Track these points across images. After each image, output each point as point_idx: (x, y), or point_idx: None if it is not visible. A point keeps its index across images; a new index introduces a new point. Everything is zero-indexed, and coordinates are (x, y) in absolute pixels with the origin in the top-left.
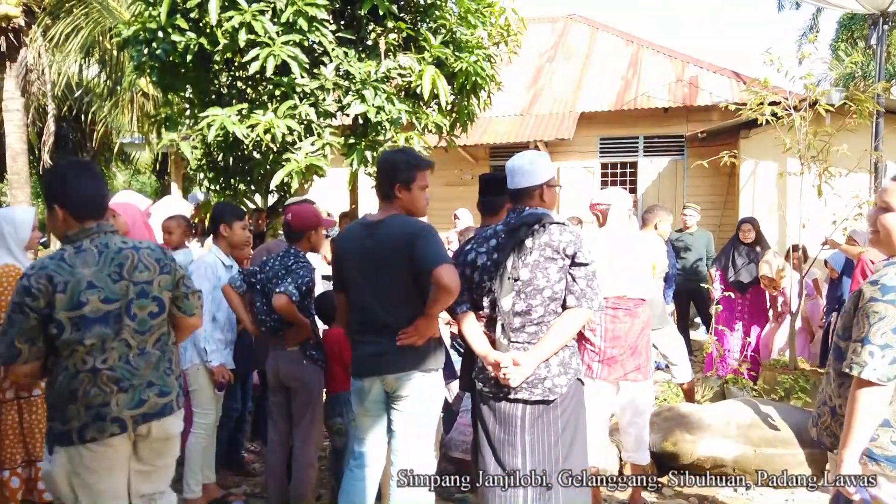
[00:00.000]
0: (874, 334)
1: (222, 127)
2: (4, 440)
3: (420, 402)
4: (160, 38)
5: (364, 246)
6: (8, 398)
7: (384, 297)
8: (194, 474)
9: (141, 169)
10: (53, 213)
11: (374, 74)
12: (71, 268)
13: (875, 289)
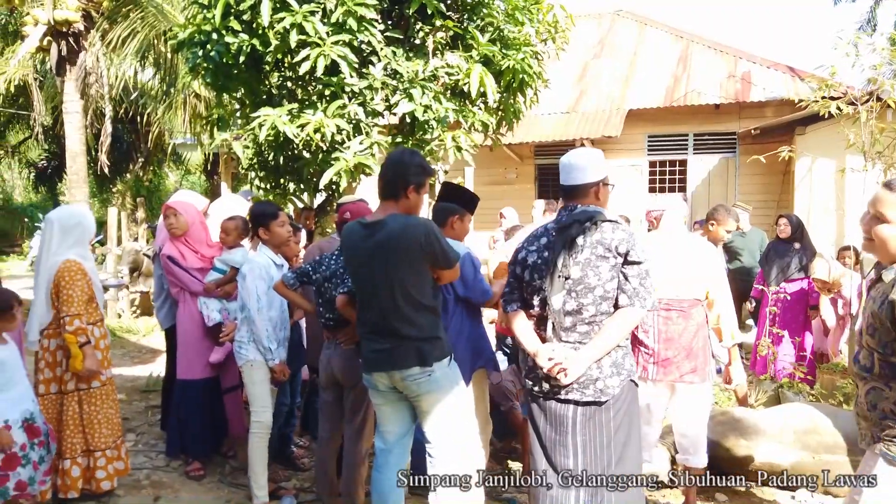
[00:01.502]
0: None
1: (273, 127)
2: (65, 430)
3: (434, 396)
4: (214, 40)
5: (364, 245)
6: (69, 389)
7: (384, 296)
8: (259, 478)
9: (191, 169)
10: None
11: (422, 73)
12: None
13: None
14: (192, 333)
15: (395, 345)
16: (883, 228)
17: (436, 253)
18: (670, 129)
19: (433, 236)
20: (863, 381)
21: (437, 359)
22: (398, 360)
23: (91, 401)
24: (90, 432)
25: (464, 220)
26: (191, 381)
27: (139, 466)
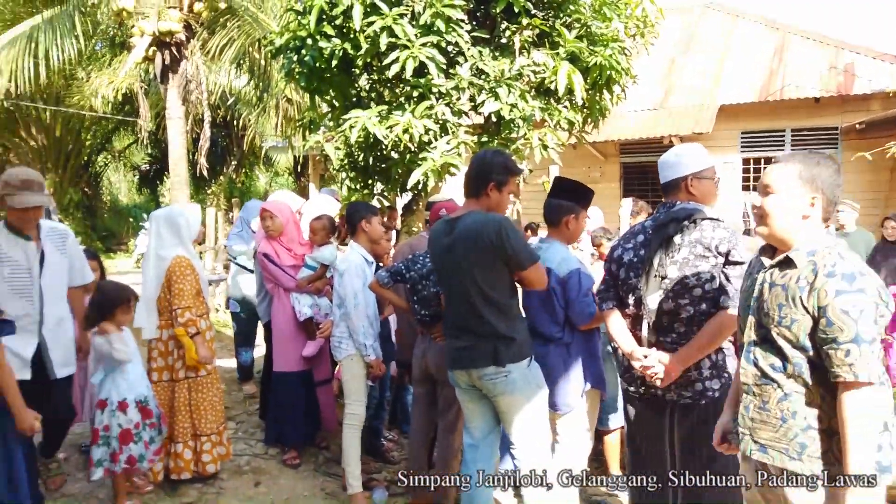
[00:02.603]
0: (863, 330)
1: (364, 128)
2: (177, 415)
3: (511, 398)
4: (308, 46)
5: (444, 242)
6: (180, 377)
7: (461, 293)
8: (353, 468)
9: (280, 171)
10: None
11: (508, 72)
12: None
13: (837, 280)
14: (287, 328)
15: (472, 343)
16: (770, 199)
17: (507, 251)
18: (766, 124)
19: (505, 234)
20: (770, 386)
21: (512, 360)
22: (475, 359)
23: (198, 388)
24: (197, 418)
25: (579, 219)
26: (286, 374)
27: (240, 453)
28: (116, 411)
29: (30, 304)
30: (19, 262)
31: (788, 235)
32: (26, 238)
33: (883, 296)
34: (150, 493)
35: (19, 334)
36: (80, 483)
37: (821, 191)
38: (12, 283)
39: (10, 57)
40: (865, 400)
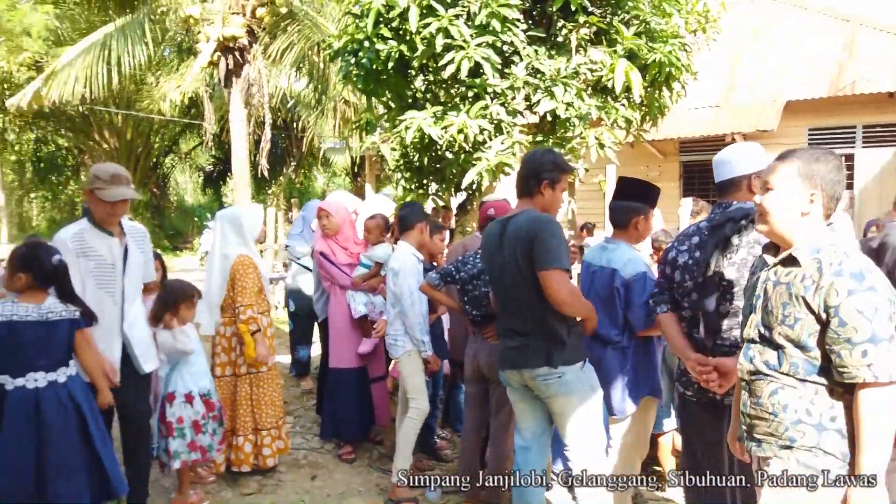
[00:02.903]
0: (879, 328)
1: (419, 129)
2: (239, 409)
3: (565, 400)
4: (366, 48)
5: (495, 243)
6: (242, 373)
7: (513, 292)
8: (403, 462)
9: (337, 171)
10: None
11: (564, 70)
12: None
13: (845, 279)
14: (343, 325)
15: (524, 343)
16: (769, 196)
17: (534, 246)
18: (835, 120)
19: (540, 229)
20: (763, 381)
21: (566, 362)
22: (526, 359)
23: (259, 383)
24: (258, 412)
25: (648, 219)
26: (342, 370)
27: (297, 447)
28: (184, 403)
29: (112, 300)
30: (104, 256)
31: (788, 233)
32: (109, 233)
33: (892, 294)
34: (212, 484)
35: (104, 333)
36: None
37: (820, 187)
38: (98, 277)
39: (86, 64)
40: (885, 400)
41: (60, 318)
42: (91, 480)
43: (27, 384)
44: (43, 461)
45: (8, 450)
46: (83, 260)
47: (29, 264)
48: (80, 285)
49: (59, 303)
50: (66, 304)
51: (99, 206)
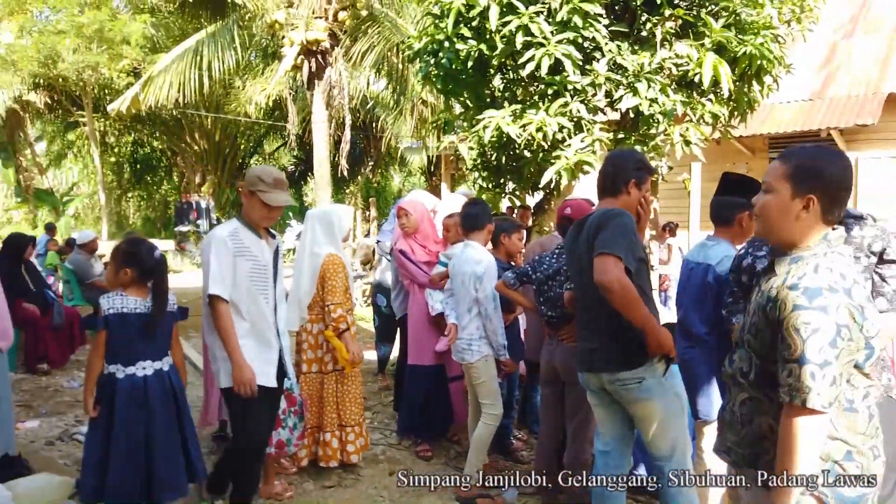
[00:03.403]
0: (811, 351)
1: (497, 127)
2: (326, 406)
3: (647, 405)
4: (446, 48)
5: (576, 242)
6: (329, 370)
7: (591, 293)
8: (476, 463)
9: (413, 171)
10: None
11: (648, 66)
12: None
13: (797, 294)
14: (421, 322)
15: (602, 345)
16: (765, 198)
17: (596, 233)
18: None
19: (610, 221)
20: (738, 388)
21: (646, 367)
22: (605, 362)
23: (345, 381)
24: (342, 409)
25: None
26: (420, 367)
27: (375, 443)
28: None
29: (266, 303)
30: (258, 258)
31: (781, 237)
32: (259, 235)
33: (857, 318)
34: (294, 475)
35: (260, 336)
36: None
37: (819, 191)
38: (253, 279)
39: (179, 69)
40: (797, 427)
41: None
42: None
43: (137, 372)
44: (150, 444)
45: (121, 434)
46: (240, 260)
47: (133, 259)
48: (236, 287)
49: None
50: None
51: (257, 208)
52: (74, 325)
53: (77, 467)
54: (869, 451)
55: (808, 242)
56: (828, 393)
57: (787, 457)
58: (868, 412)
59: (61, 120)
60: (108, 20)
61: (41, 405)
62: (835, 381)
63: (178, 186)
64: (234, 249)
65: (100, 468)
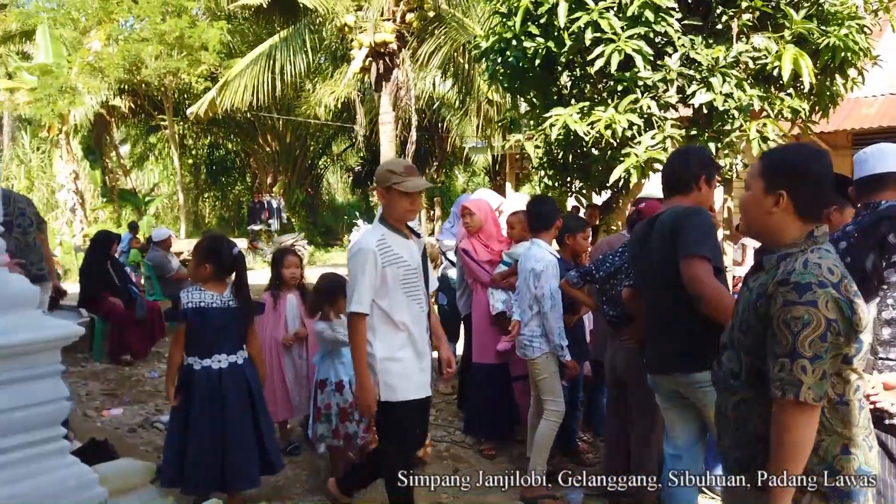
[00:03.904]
0: (802, 345)
1: (564, 125)
2: None
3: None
4: (513, 46)
5: (641, 243)
6: None
7: (661, 293)
8: (540, 461)
9: (477, 171)
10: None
11: (723, 60)
12: None
13: (788, 289)
14: (484, 321)
15: (676, 347)
16: (744, 196)
17: (677, 233)
18: None
19: (690, 220)
20: (729, 391)
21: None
22: (680, 364)
23: None
24: None
25: (843, 213)
26: (483, 365)
27: (440, 440)
28: (334, 391)
29: (420, 309)
30: (408, 262)
31: (759, 233)
32: (405, 236)
33: (846, 312)
34: None
35: (416, 347)
36: (304, 453)
37: (788, 187)
38: (406, 285)
39: (253, 73)
40: (790, 422)
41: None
42: (258, 454)
43: (212, 365)
44: (224, 435)
45: (197, 424)
46: (391, 268)
47: (212, 256)
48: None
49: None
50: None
51: (398, 202)
52: (155, 319)
53: (157, 454)
54: (863, 443)
55: (793, 239)
56: (819, 387)
57: (780, 452)
58: (859, 404)
59: (144, 123)
60: (188, 27)
61: (124, 394)
62: (825, 376)
63: (250, 187)
64: (382, 260)
65: (178, 456)
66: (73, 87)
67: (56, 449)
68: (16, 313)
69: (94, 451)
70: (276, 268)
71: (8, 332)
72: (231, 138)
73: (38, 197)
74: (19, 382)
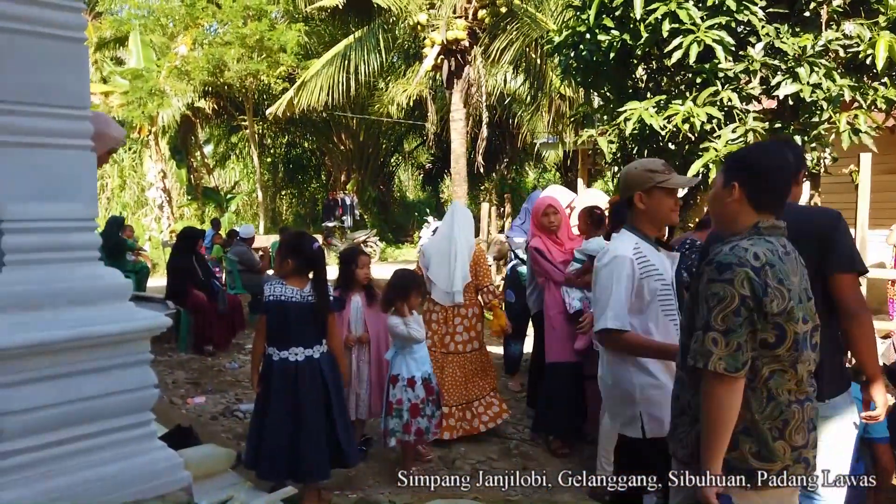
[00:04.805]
0: (716, 320)
1: (639, 119)
2: (484, 377)
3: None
4: (587, 40)
5: None
6: (476, 348)
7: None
8: (608, 454)
9: (548, 167)
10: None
11: (811, 49)
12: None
13: (711, 268)
14: (557, 320)
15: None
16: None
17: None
18: None
19: (840, 227)
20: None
21: (829, 395)
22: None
23: (485, 356)
24: (491, 379)
25: None
26: (557, 364)
27: (509, 436)
28: (406, 387)
29: (675, 329)
30: (664, 276)
31: (721, 224)
32: (656, 247)
33: (758, 293)
34: (431, 464)
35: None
36: (375, 447)
37: (740, 178)
38: (663, 302)
39: (329, 73)
40: (707, 390)
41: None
42: (329, 447)
43: (290, 357)
44: (298, 426)
45: (273, 413)
46: (648, 281)
47: (294, 251)
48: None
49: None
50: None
51: (663, 201)
52: (236, 312)
53: (237, 441)
54: (767, 431)
55: (741, 229)
56: (732, 358)
57: (703, 420)
58: (768, 394)
59: (226, 124)
60: (268, 30)
61: (207, 383)
62: (740, 348)
63: (325, 184)
64: (640, 271)
65: (256, 442)
66: (161, 90)
67: (145, 434)
68: (109, 305)
69: (179, 436)
70: (348, 267)
71: (101, 322)
72: (307, 137)
73: (129, 195)
74: (111, 370)
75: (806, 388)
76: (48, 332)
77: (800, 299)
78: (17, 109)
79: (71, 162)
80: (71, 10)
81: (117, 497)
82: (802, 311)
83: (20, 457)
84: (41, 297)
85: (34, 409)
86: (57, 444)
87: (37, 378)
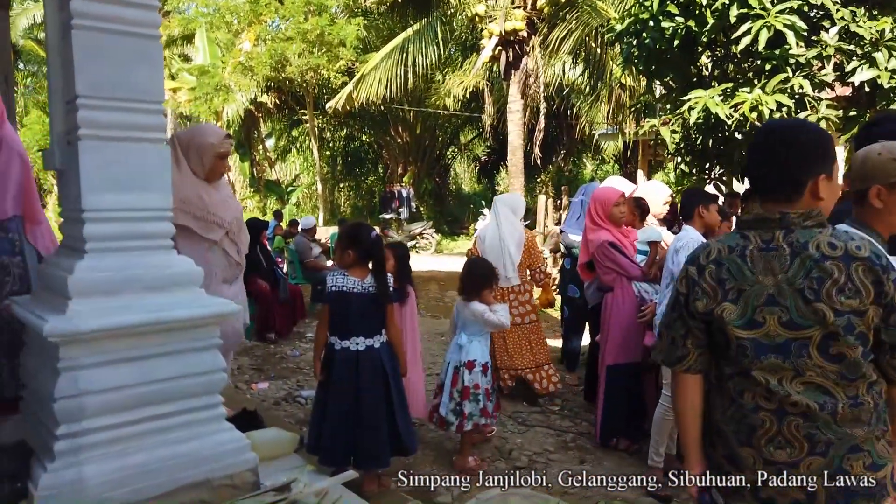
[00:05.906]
0: (664, 314)
1: (704, 108)
2: (539, 347)
3: None
4: (650, 28)
5: None
6: (533, 320)
7: None
8: (660, 444)
9: (606, 158)
10: None
11: (889, 32)
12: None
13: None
14: (625, 317)
15: None
16: None
17: None
18: None
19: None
20: None
21: None
22: None
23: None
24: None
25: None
26: (620, 365)
27: (566, 430)
28: (481, 372)
29: None
30: None
31: None
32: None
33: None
34: (489, 456)
35: None
36: (431, 433)
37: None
38: None
39: (387, 67)
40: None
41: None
42: (389, 436)
43: (350, 346)
44: (358, 414)
45: (333, 400)
46: None
47: (354, 242)
48: None
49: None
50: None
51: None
52: (297, 301)
53: (298, 426)
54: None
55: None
56: (668, 352)
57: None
58: (730, 396)
59: (287, 118)
60: (328, 25)
61: (270, 369)
62: (675, 343)
63: (382, 177)
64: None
65: (318, 428)
66: (226, 85)
67: (214, 416)
68: (180, 291)
69: (246, 419)
70: (402, 265)
71: (173, 308)
72: (365, 130)
73: None
74: (184, 353)
75: (788, 399)
76: (126, 316)
77: (771, 300)
78: (99, 105)
79: (146, 155)
80: (148, 7)
81: (189, 475)
82: (770, 314)
83: (100, 434)
84: (119, 283)
85: (113, 390)
86: (134, 423)
87: (116, 360)
